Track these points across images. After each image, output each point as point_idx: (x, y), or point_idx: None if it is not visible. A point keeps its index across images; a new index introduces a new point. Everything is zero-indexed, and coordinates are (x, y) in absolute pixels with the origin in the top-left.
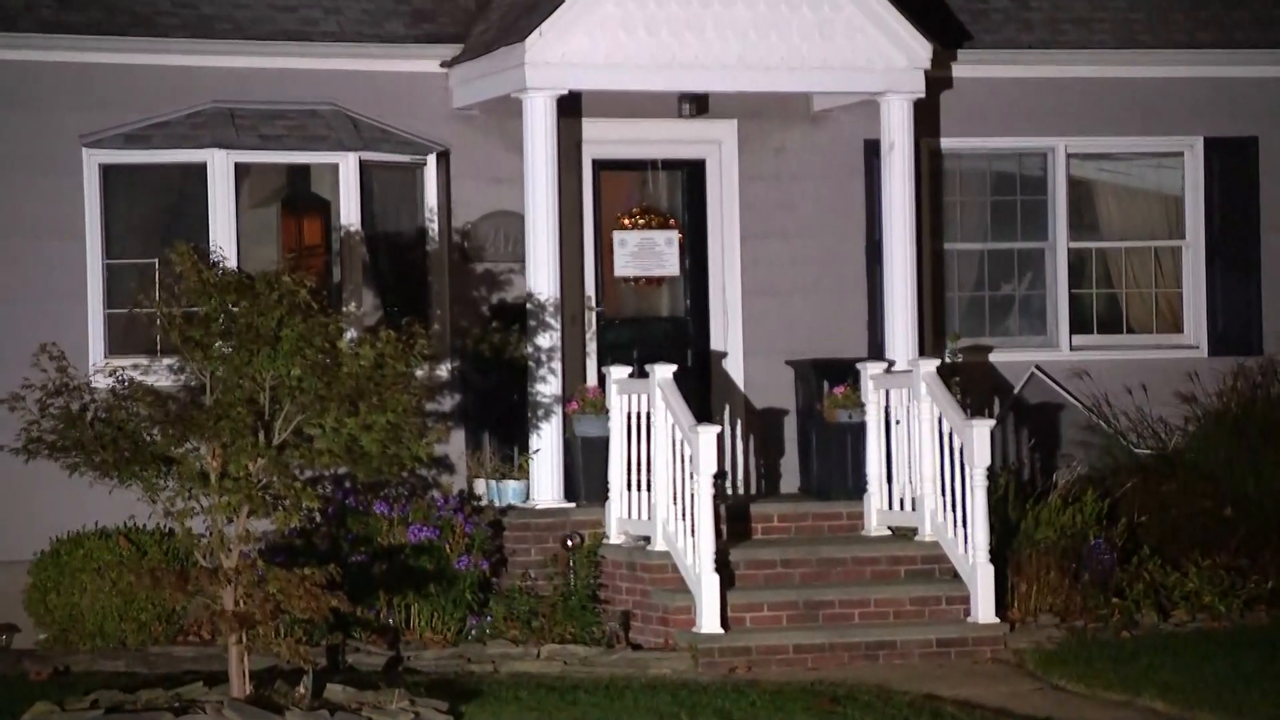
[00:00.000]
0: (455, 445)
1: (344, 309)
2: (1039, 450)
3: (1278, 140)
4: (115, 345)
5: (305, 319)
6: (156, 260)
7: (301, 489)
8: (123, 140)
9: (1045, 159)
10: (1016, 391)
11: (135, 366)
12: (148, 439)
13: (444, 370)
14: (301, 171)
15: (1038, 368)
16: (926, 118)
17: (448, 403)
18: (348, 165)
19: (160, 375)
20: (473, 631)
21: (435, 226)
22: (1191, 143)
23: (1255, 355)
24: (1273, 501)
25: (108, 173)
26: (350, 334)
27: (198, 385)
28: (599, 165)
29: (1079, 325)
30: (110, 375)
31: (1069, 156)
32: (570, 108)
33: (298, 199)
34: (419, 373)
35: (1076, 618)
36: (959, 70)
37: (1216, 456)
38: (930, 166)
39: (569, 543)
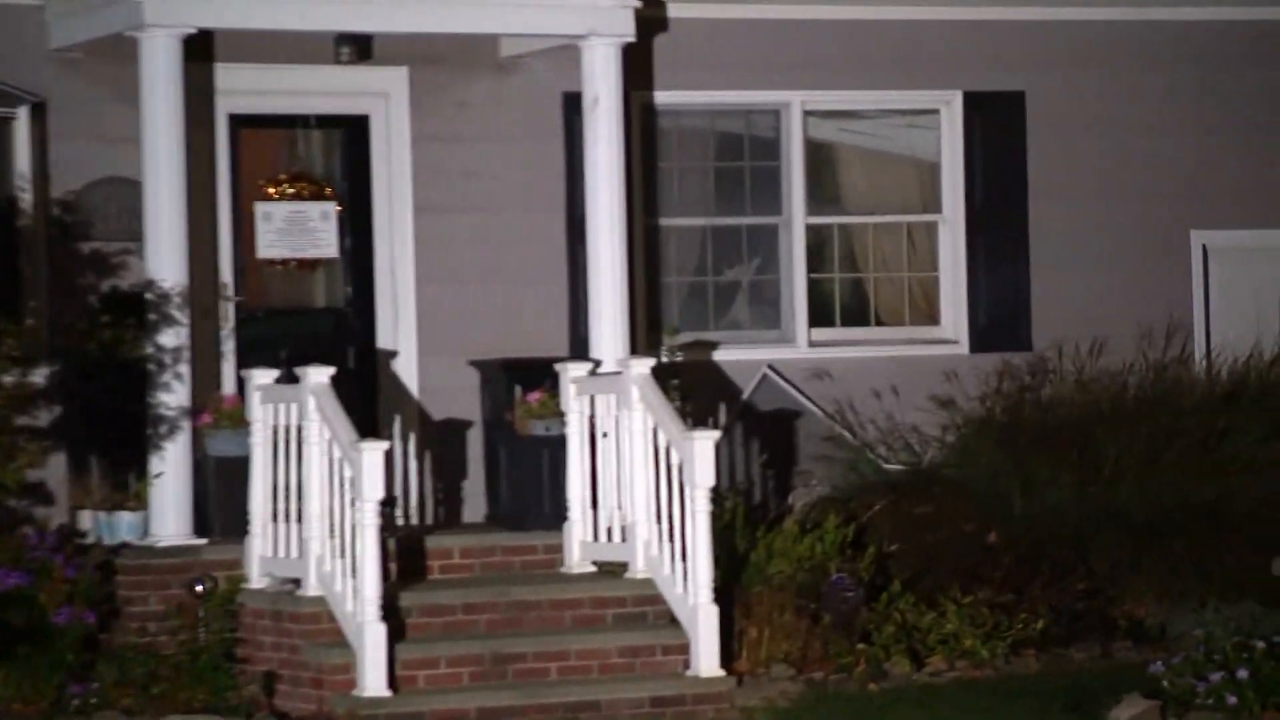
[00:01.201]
0: (55, 469)
1: None
2: (772, 466)
3: (1048, 95)
4: None
5: None
6: None
7: None
8: None
9: (778, 117)
10: (746, 396)
11: None
12: None
13: (40, 376)
14: None
15: (771, 368)
16: (638, 66)
17: (45, 416)
18: None
19: None
20: (75, 701)
21: (28, 196)
22: (948, 98)
23: (1023, 351)
24: (1044, 524)
25: None
26: None
27: None
28: (237, 121)
29: (819, 317)
30: None
31: (806, 114)
32: (200, 50)
33: None
34: (7, 379)
35: (816, 668)
36: (675, 9)
37: (979, 472)
38: (642, 126)
39: (198, 588)
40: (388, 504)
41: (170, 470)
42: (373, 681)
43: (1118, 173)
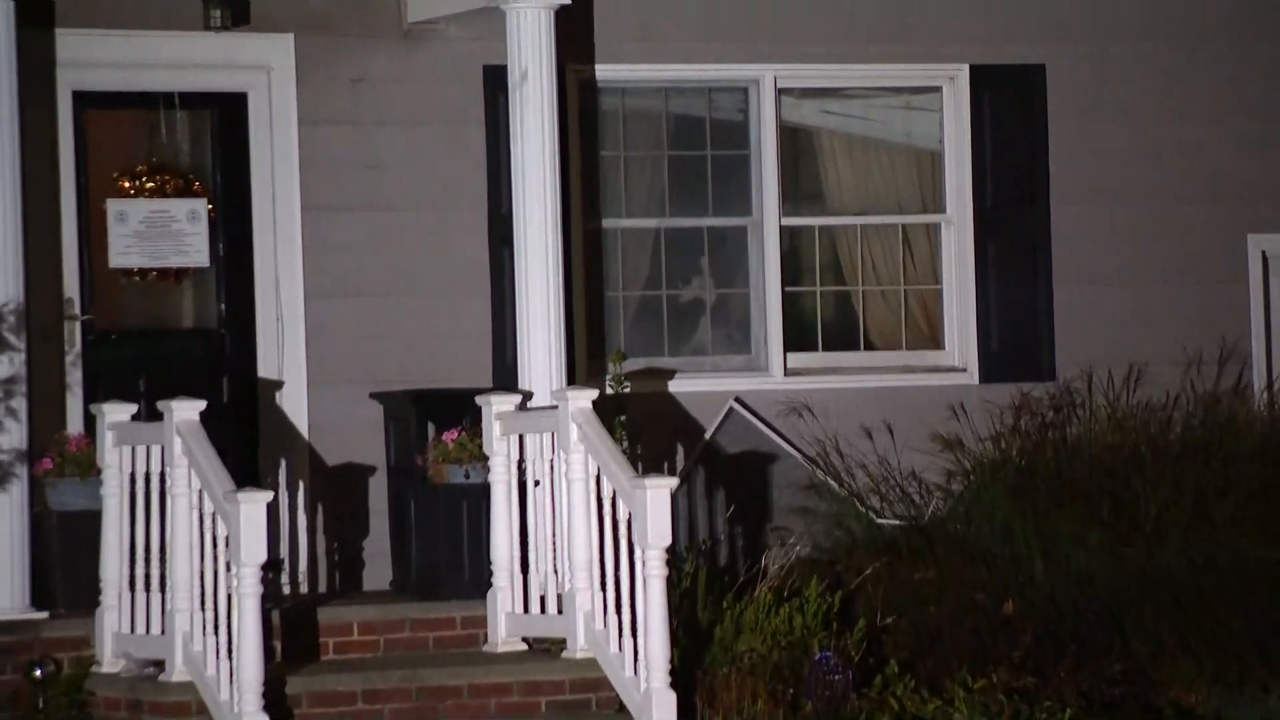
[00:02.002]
0: None
1: None
2: (742, 521)
3: (1074, 69)
4: None
5: None
6: None
7: None
8: None
9: (746, 96)
10: (709, 436)
11: None
12: None
13: None
14: None
15: (739, 401)
16: (576, 34)
17: None
18: None
19: None
20: None
21: None
22: (953, 72)
23: (1045, 381)
24: (1071, 593)
25: None
26: None
27: None
28: (84, 100)
29: (797, 339)
30: None
31: (780, 92)
32: (38, 13)
33: None
34: None
35: None
36: None
37: (992, 529)
38: (581, 106)
39: (38, 673)
40: (272, 568)
41: (3, 528)
42: None
43: (1159, 165)
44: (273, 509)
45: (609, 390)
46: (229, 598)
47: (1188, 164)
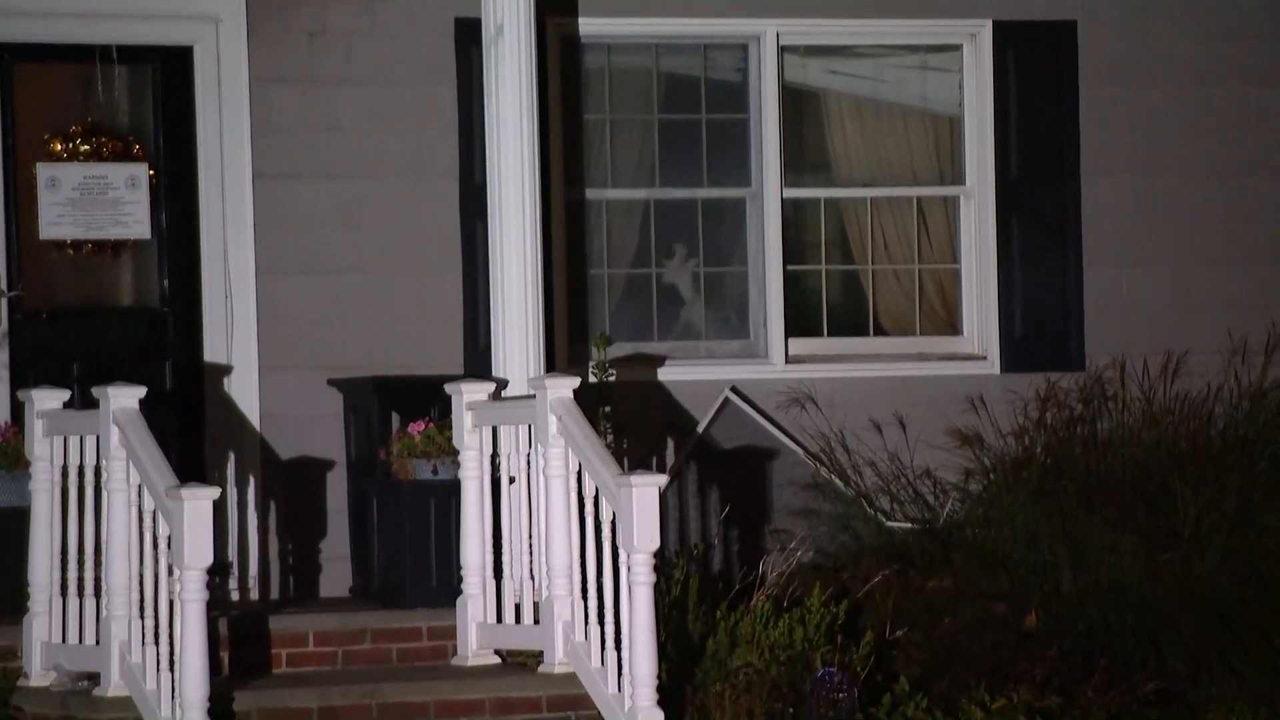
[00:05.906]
0: None
1: None
2: (738, 523)
3: (1109, 26)
4: None
5: None
6: None
7: None
8: None
9: (746, 54)
10: (702, 429)
11: None
12: None
13: None
14: None
15: (735, 390)
16: None
17: None
18: None
19: None
20: None
21: None
22: (974, 29)
23: (1073, 371)
24: (1100, 605)
25: None
26: None
27: None
28: (11, 53)
29: (800, 323)
30: None
31: (783, 50)
32: None
33: None
34: None
35: None
36: None
37: (1014, 533)
38: (563, 65)
39: None
40: (219, 572)
41: None
42: None
43: (1205, 132)
44: (220, 507)
45: (592, 378)
46: (171, 604)
47: (1238, 131)
